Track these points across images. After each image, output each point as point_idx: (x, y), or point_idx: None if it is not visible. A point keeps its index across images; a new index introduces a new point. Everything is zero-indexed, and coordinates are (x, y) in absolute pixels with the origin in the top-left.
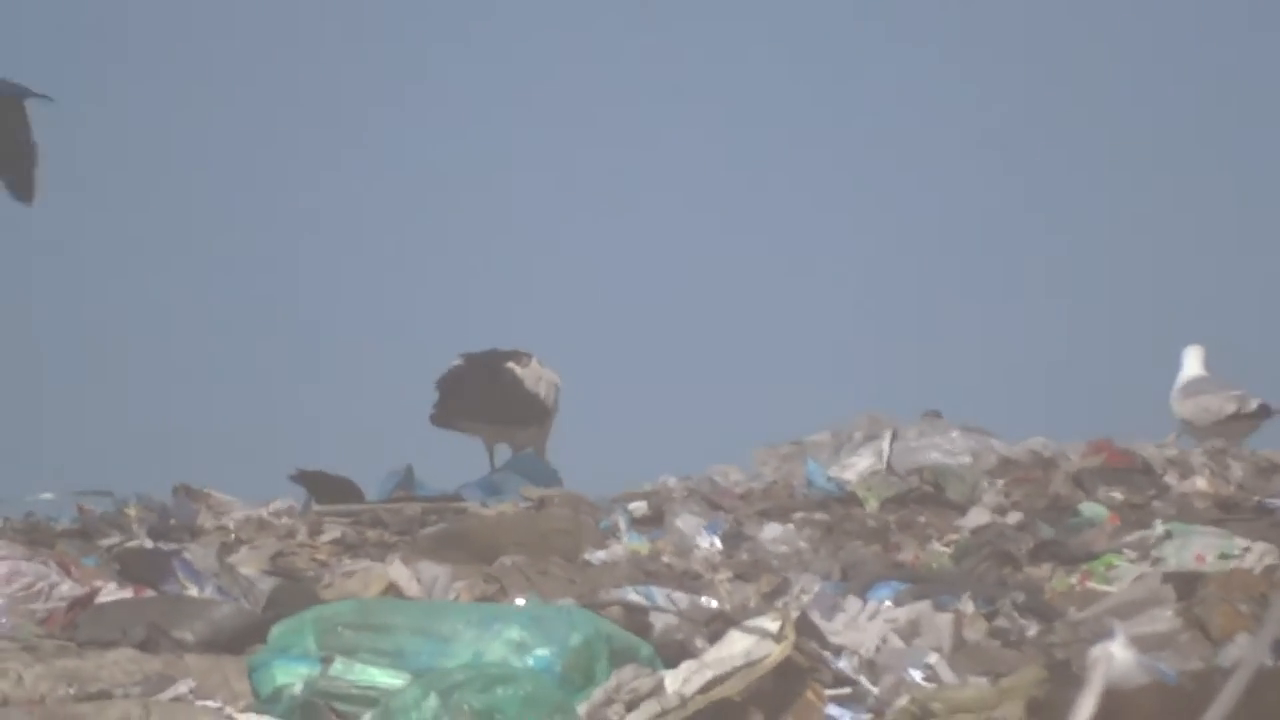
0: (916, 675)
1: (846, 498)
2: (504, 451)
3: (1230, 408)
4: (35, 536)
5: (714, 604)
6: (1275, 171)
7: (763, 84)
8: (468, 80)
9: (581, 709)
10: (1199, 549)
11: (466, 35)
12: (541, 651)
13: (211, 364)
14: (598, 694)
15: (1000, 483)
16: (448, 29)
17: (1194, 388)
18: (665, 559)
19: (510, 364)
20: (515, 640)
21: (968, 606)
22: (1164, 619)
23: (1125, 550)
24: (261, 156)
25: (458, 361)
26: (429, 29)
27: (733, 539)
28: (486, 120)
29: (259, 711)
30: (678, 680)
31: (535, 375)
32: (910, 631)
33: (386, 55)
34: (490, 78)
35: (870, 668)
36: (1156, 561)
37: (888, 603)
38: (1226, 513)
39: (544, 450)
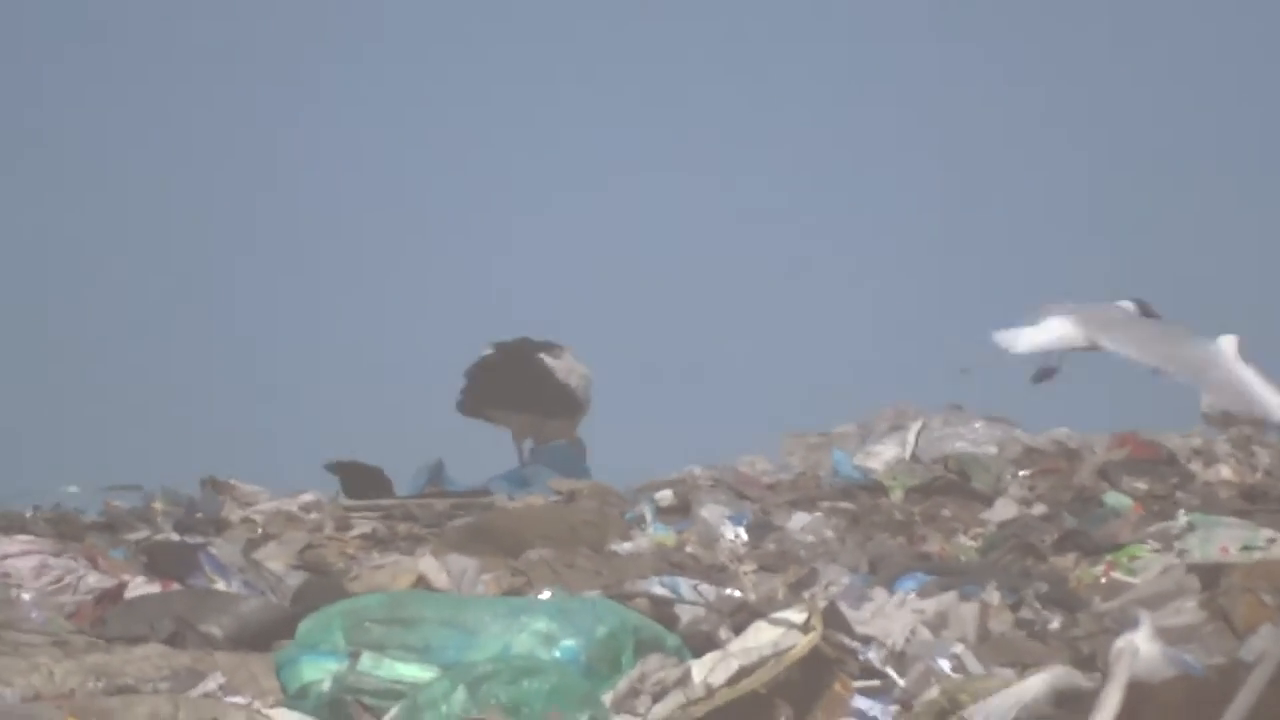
0: (944, 666)
1: (872, 486)
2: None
3: None
4: (63, 529)
5: (739, 595)
6: None
7: (784, 77)
8: (489, 76)
9: (607, 699)
10: (1223, 541)
11: (499, 32)
12: (568, 643)
13: (240, 356)
14: (623, 684)
15: (1024, 474)
16: (485, 26)
17: None
18: (690, 549)
19: (542, 354)
20: (542, 632)
21: (993, 597)
22: (1189, 610)
23: (1150, 541)
24: (289, 150)
25: (488, 351)
26: (469, 25)
27: (759, 529)
28: (512, 112)
29: (287, 707)
30: (704, 670)
31: (567, 367)
32: (937, 623)
33: (403, 51)
34: (517, 72)
35: (898, 659)
36: (1181, 553)
37: (913, 594)
38: (1251, 503)
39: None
